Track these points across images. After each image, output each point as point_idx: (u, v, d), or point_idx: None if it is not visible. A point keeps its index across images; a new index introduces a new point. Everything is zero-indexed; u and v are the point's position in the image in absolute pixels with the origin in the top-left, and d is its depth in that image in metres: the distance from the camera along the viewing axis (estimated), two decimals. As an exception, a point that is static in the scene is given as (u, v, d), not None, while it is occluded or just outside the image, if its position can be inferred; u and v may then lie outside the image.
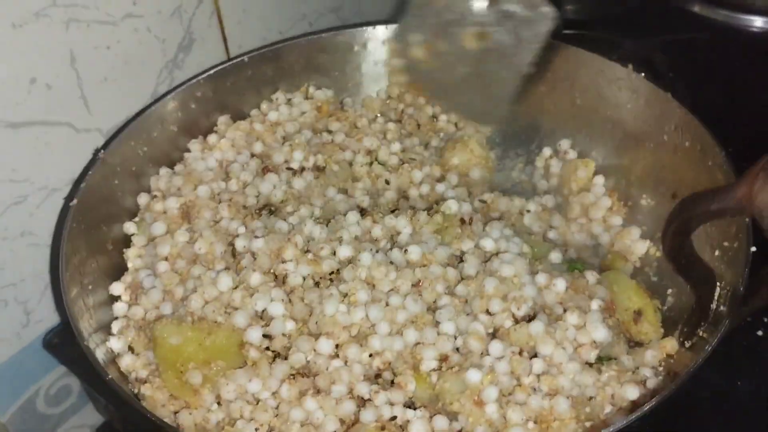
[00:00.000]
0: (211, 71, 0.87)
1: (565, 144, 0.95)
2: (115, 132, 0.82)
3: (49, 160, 0.77)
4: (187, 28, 0.86)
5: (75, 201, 0.74)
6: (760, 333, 0.82)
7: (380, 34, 0.95)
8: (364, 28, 0.94)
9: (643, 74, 0.88)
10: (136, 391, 0.69)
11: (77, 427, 0.94)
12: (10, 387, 0.84)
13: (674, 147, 0.82)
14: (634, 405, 0.66)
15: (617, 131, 0.90)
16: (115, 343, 0.72)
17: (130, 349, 0.72)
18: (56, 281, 0.80)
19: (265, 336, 0.70)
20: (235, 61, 0.89)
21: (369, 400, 0.67)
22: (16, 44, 0.70)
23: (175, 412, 0.68)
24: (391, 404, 0.66)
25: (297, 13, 1.00)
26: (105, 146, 0.81)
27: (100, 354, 0.69)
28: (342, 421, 0.67)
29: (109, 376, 0.65)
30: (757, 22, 1.26)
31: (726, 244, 0.67)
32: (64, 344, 0.83)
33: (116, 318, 0.75)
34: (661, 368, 0.70)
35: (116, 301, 0.76)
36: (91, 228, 0.76)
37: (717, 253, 0.69)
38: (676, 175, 0.81)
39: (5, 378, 0.83)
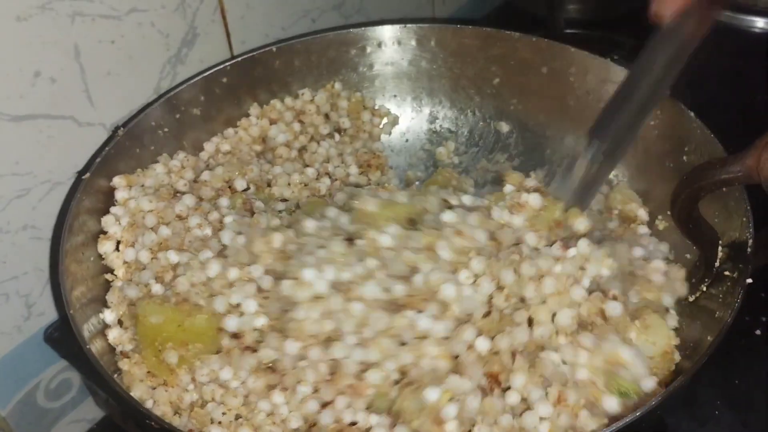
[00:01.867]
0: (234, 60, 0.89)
1: None
2: (137, 111, 0.83)
3: (52, 153, 0.77)
4: (191, 23, 0.86)
5: (88, 174, 0.76)
6: (758, 332, 0.82)
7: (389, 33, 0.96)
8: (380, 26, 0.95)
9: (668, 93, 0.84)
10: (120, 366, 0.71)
11: (77, 422, 0.94)
12: (11, 380, 0.84)
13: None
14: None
15: (638, 150, 0.86)
16: (108, 316, 0.74)
17: (120, 322, 0.74)
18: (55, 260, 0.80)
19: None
20: (265, 49, 0.91)
21: (331, 402, 0.67)
22: (20, 37, 0.70)
23: (153, 388, 0.70)
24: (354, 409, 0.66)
25: (300, 9, 1.00)
26: (125, 125, 0.81)
27: (92, 327, 0.71)
28: (305, 419, 0.67)
29: (108, 373, 0.66)
30: (759, 23, 1.27)
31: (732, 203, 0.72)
32: (65, 338, 0.83)
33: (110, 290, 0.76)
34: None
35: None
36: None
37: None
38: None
39: (5, 371, 0.83)
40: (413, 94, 1.01)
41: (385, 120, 1.01)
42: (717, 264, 0.70)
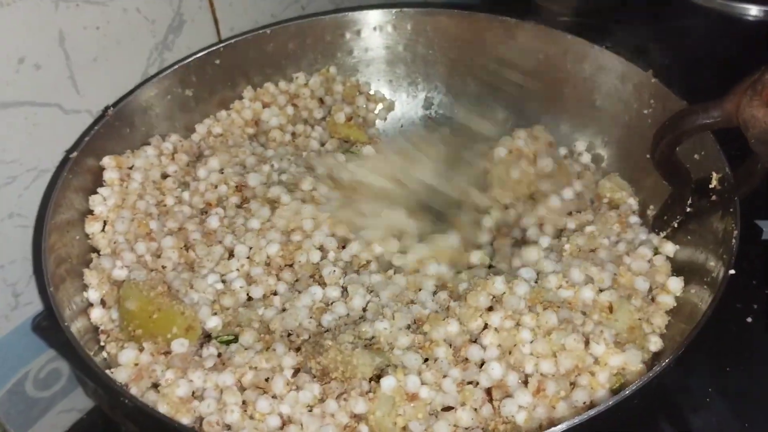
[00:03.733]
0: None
1: (580, 146, 0.93)
2: (126, 93, 0.83)
3: (38, 141, 0.77)
4: (177, 10, 0.85)
5: (75, 153, 0.75)
6: (749, 320, 0.82)
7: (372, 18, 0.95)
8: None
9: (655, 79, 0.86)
10: (103, 344, 0.70)
11: (67, 411, 0.94)
12: (-1, 370, 0.84)
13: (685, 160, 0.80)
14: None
15: (630, 139, 0.88)
16: (92, 294, 0.73)
17: (102, 302, 0.73)
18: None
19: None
20: (259, 32, 0.91)
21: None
22: (4, 23, 0.69)
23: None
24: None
25: (289, -5, 1.00)
26: (115, 104, 0.81)
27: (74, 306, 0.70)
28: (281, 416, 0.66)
29: (85, 351, 0.65)
30: (753, 10, 1.26)
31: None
32: (53, 328, 0.82)
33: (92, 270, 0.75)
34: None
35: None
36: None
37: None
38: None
39: (-6, 361, 0.83)
40: (409, 80, 1.01)
41: (380, 105, 1.00)
42: (689, 202, 0.75)
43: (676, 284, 0.73)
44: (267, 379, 0.65)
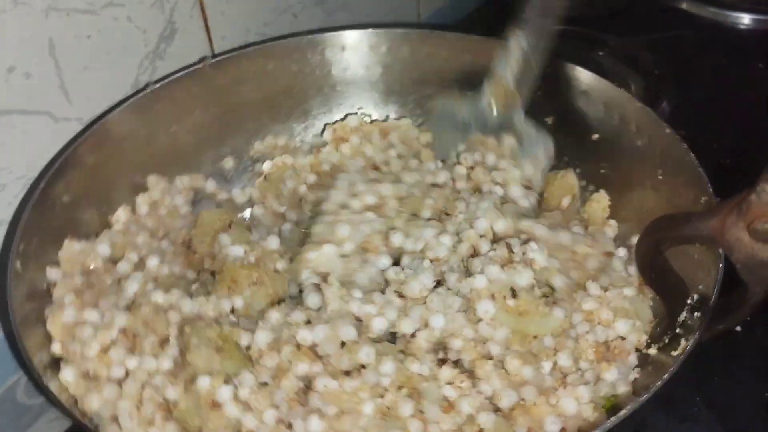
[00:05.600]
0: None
1: None
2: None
3: (28, 149, 0.77)
4: (169, 18, 0.85)
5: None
6: (738, 329, 0.82)
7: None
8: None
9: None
10: None
11: (59, 419, 0.94)
12: (-11, 377, 0.84)
13: (668, 188, 0.78)
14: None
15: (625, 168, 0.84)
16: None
17: None
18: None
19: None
20: None
21: None
22: (-7, 32, 0.69)
23: None
24: None
25: (282, 4, 1.00)
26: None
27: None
28: None
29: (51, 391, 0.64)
30: (745, 19, 1.27)
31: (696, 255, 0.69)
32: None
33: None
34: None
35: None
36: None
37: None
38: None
39: (-17, 368, 0.82)
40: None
41: None
42: (681, 317, 0.67)
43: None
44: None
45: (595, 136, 0.85)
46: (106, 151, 0.81)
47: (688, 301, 0.66)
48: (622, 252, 0.78)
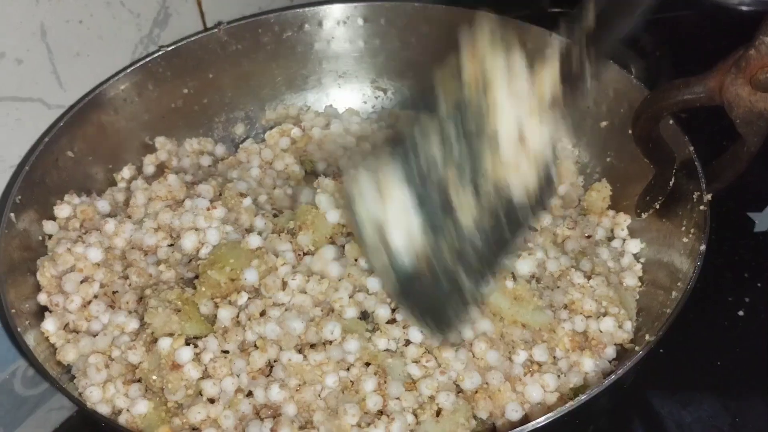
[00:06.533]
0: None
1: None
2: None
3: (21, 136, 0.76)
4: (163, 3, 0.84)
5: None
6: (741, 313, 0.82)
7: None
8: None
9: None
10: None
11: (56, 410, 0.93)
12: (-14, 368, 0.83)
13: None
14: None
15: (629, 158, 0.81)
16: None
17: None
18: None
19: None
20: None
21: None
22: (-18, 18, 0.68)
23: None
24: None
25: (277, -13, 0.99)
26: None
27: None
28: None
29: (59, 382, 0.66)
30: (746, 0, 1.25)
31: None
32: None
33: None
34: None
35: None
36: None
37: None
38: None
39: (-20, 359, 0.82)
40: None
41: None
42: (671, 182, 0.71)
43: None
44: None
45: (604, 124, 0.83)
46: (114, 110, 0.82)
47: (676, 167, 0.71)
48: (617, 243, 0.78)
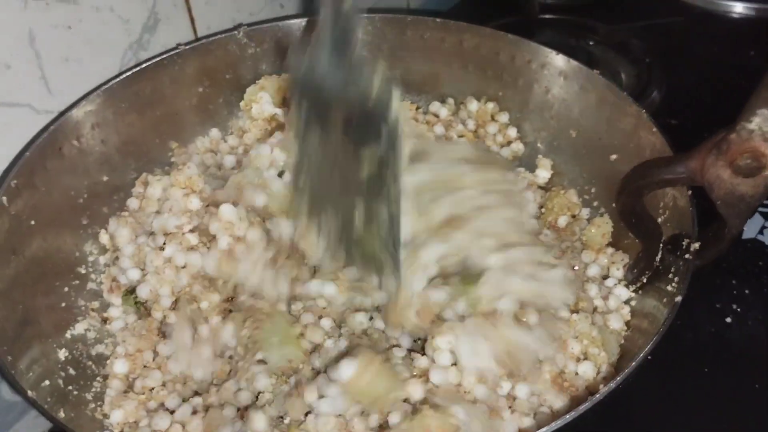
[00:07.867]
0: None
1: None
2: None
3: (9, 142, 0.75)
4: (152, 8, 0.84)
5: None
6: (728, 320, 0.82)
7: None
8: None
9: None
10: None
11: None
12: (-27, 374, 0.83)
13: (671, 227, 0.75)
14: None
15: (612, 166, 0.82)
16: None
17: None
18: None
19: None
20: None
21: None
22: (-30, 23, 0.68)
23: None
24: None
25: (268, -7, 0.98)
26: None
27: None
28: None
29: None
30: (737, 7, 1.26)
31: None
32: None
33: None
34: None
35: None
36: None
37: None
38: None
39: (-33, 365, 0.81)
40: None
41: None
42: (658, 258, 0.71)
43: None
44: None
45: (614, 157, 0.81)
46: (126, 104, 0.83)
47: (663, 240, 0.70)
48: (611, 282, 0.77)
